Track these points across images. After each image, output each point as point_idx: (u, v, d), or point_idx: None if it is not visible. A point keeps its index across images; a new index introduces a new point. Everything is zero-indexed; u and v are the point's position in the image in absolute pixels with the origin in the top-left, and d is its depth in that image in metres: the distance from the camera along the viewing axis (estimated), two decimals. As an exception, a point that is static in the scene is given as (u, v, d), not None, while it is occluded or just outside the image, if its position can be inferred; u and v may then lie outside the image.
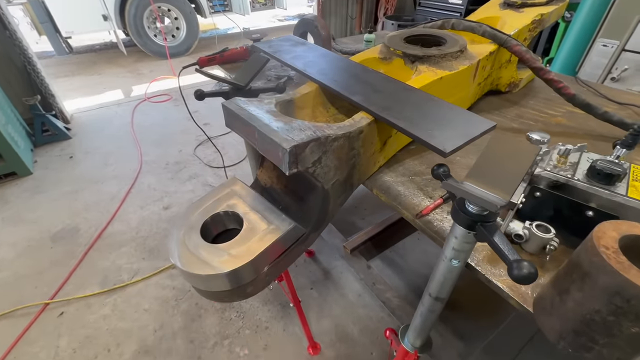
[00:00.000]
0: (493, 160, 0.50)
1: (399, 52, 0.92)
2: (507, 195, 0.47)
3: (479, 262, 0.61)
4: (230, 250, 0.59)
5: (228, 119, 0.63)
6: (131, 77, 4.19)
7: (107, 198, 2.24)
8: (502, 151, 0.51)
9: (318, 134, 0.56)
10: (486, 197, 0.45)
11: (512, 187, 0.47)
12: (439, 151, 0.56)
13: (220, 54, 1.52)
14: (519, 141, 0.52)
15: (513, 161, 0.49)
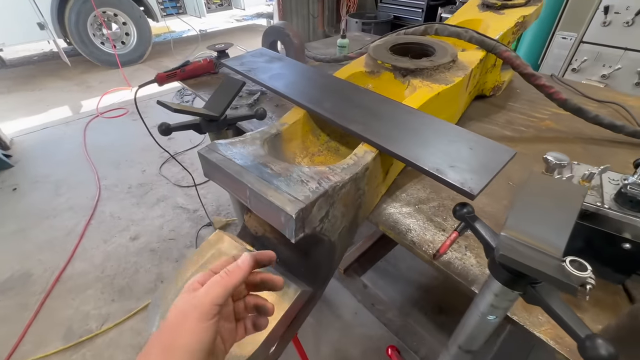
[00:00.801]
0: (533, 205, 0.43)
1: (387, 65, 0.84)
2: (558, 250, 0.40)
3: (513, 309, 0.54)
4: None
5: (208, 170, 0.52)
6: (79, 90, 3.80)
7: (63, 234, 1.98)
8: (543, 194, 0.44)
9: (325, 186, 0.46)
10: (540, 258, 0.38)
11: (562, 239, 0.41)
12: (465, 193, 0.48)
13: (182, 69, 1.37)
14: (561, 182, 0.46)
15: (557, 206, 0.43)
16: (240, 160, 0.50)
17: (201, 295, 0.34)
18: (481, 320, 0.51)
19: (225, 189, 0.51)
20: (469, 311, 0.53)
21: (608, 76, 2.09)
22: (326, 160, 0.70)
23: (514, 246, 0.37)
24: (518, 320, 0.52)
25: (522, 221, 0.42)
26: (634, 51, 1.97)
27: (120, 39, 4.26)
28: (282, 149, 0.66)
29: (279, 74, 0.86)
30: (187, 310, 0.33)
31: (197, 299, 0.34)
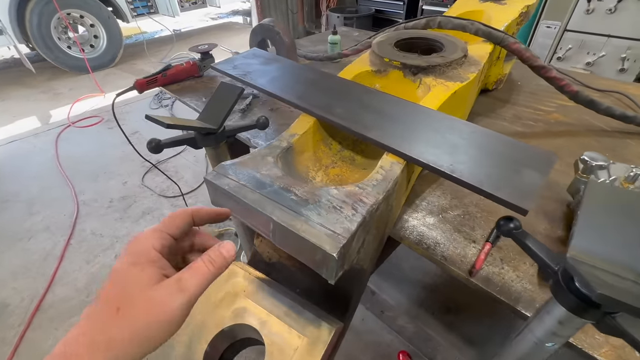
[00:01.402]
0: (600, 220, 0.38)
1: (396, 63, 0.78)
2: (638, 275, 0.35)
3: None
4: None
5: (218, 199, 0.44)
6: (46, 99, 3.55)
7: (39, 257, 1.82)
8: (609, 206, 0.39)
9: (362, 212, 0.39)
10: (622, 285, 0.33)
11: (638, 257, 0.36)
12: (516, 209, 0.43)
13: (163, 73, 1.26)
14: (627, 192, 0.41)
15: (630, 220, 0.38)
16: (257, 186, 0.42)
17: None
18: (537, 347, 0.46)
19: (239, 219, 0.44)
20: (521, 336, 0.48)
21: (592, 63, 2.12)
22: (342, 172, 0.63)
23: (608, 280, 0.32)
24: (575, 343, 0.47)
25: (592, 240, 0.37)
26: (617, 38, 2.00)
27: (89, 42, 4.01)
28: (294, 163, 0.58)
29: (277, 77, 0.78)
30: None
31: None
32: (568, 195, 0.68)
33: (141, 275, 0.28)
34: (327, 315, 0.49)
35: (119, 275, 0.29)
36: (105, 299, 0.27)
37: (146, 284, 0.28)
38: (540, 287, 0.54)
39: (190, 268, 0.31)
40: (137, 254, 0.30)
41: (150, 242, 0.31)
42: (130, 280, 0.28)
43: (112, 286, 0.28)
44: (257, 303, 0.49)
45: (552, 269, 0.41)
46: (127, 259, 0.29)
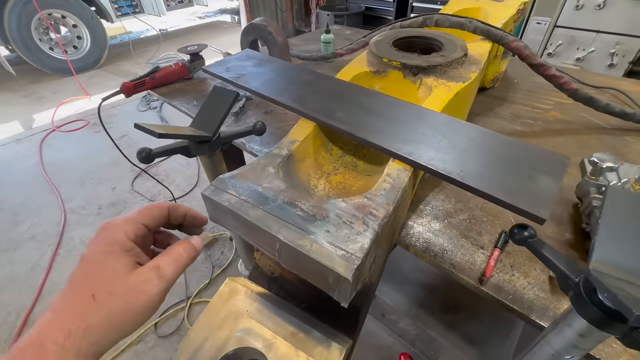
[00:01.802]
0: (623, 229, 0.37)
1: (396, 64, 0.75)
2: (668, 285, 0.33)
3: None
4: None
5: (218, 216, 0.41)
6: (29, 102, 3.43)
7: (26, 268, 1.76)
8: (632, 214, 0.37)
9: (374, 226, 0.37)
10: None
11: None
12: (533, 218, 0.41)
13: (151, 76, 1.21)
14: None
15: (652, 228, 0.36)
16: (259, 201, 0.39)
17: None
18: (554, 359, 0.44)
19: (240, 236, 0.41)
20: (537, 347, 0.46)
21: (582, 59, 2.14)
22: (345, 179, 0.61)
23: (633, 294, 0.30)
24: (592, 353, 0.46)
25: (616, 251, 0.36)
26: (606, 33, 2.02)
27: (72, 43, 3.89)
28: (295, 171, 0.55)
29: (273, 80, 0.75)
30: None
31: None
32: (573, 196, 0.67)
33: (116, 263, 0.28)
34: (336, 333, 0.47)
35: (92, 263, 0.28)
36: (78, 287, 0.27)
37: (122, 272, 0.28)
38: (552, 294, 0.53)
39: (167, 255, 0.31)
40: (111, 243, 0.29)
41: (123, 230, 0.30)
42: (105, 268, 0.28)
43: (85, 274, 0.28)
44: (261, 323, 0.46)
45: (572, 280, 0.39)
46: (100, 247, 0.29)
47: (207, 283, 1.66)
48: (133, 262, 0.29)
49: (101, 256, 0.28)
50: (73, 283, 0.28)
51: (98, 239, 0.30)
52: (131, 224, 0.31)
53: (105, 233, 0.30)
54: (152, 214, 0.34)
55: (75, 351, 0.25)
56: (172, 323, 1.51)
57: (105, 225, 0.31)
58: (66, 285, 0.28)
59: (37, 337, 0.25)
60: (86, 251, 0.29)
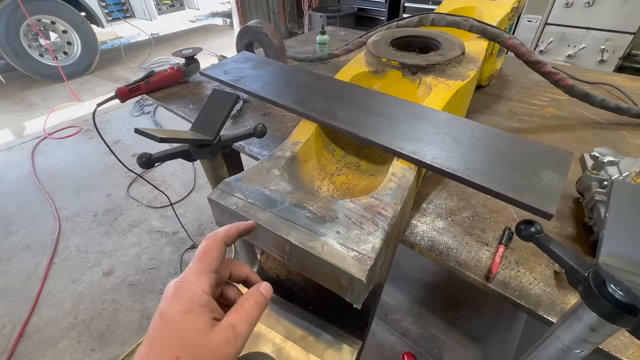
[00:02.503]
0: (631, 222, 0.37)
1: (395, 63, 0.76)
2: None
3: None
4: None
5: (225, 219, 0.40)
6: (19, 110, 3.37)
7: (21, 279, 1.72)
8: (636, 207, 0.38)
9: (383, 226, 0.36)
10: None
11: (677, 262, 0.34)
12: (541, 214, 0.41)
13: (146, 81, 1.20)
14: (656, 191, 0.39)
15: (660, 221, 0.36)
16: (267, 204, 0.39)
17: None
18: (564, 354, 0.44)
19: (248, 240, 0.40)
20: (546, 342, 0.46)
21: (573, 56, 2.17)
22: (348, 180, 0.60)
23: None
24: (600, 346, 0.46)
25: (625, 244, 0.36)
26: (596, 30, 2.05)
27: (62, 49, 3.84)
28: (298, 173, 0.55)
29: (272, 82, 0.74)
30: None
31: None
32: (574, 191, 0.67)
33: (197, 323, 0.28)
34: (346, 335, 0.46)
35: (174, 323, 0.28)
36: (161, 348, 0.27)
37: (203, 332, 0.28)
38: (558, 288, 0.53)
39: (241, 310, 0.31)
40: (190, 301, 0.29)
41: (201, 286, 0.30)
42: (186, 328, 0.28)
43: (168, 334, 0.27)
44: (270, 327, 0.45)
45: (581, 275, 0.40)
46: (179, 306, 0.29)
47: (207, 288, 1.64)
48: (211, 320, 0.29)
49: (181, 315, 0.28)
50: (156, 342, 0.27)
51: (176, 297, 0.29)
52: (203, 277, 0.31)
53: (183, 291, 0.29)
54: (214, 256, 0.33)
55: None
56: (172, 330, 1.49)
57: (180, 283, 0.30)
58: (147, 344, 0.27)
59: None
60: (165, 309, 0.29)
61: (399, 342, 1.39)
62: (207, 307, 0.29)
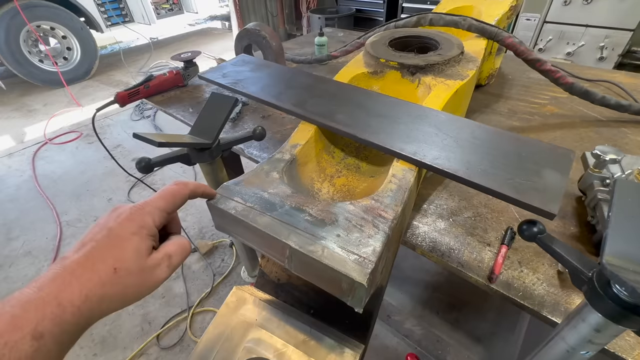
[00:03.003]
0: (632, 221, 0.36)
1: (393, 64, 0.75)
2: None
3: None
4: None
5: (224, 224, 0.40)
6: (20, 116, 3.38)
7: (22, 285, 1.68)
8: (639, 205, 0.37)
9: (384, 229, 0.36)
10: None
11: (683, 261, 0.34)
12: (543, 213, 0.40)
13: (145, 85, 1.20)
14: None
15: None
16: (266, 207, 0.38)
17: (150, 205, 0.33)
18: (569, 355, 0.44)
19: (248, 244, 0.40)
20: (551, 344, 0.46)
21: (573, 53, 2.17)
22: (348, 182, 0.60)
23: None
24: (607, 347, 0.46)
25: (629, 243, 0.35)
26: (595, 27, 2.05)
27: (62, 54, 3.85)
28: (298, 176, 0.55)
29: (271, 84, 0.74)
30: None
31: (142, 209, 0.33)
32: (576, 190, 0.67)
33: (141, 245, 0.31)
34: (348, 339, 0.46)
35: (119, 239, 0.30)
36: (102, 256, 0.29)
37: (143, 254, 0.31)
38: (562, 289, 0.52)
39: (177, 244, 0.35)
40: (141, 226, 0.32)
41: (153, 218, 0.33)
42: (130, 246, 0.30)
43: (112, 246, 0.30)
44: (271, 332, 0.45)
45: (585, 275, 0.39)
46: (129, 227, 0.31)
47: (209, 292, 1.64)
48: (151, 246, 0.32)
49: (129, 235, 0.30)
50: (96, 251, 0.29)
51: (129, 218, 0.32)
52: (159, 213, 0.34)
53: (137, 215, 0.32)
54: (175, 202, 0.36)
55: (87, 315, 0.27)
56: (174, 334, 1.49)
57: (138, 207, 0.33)
58: (85, 246, 0.29)
59: (56, 295, 0.26)
60: (114, 225, 0.31)
61: (402, 344, 1.38)
62: (152, 237, 0.33)
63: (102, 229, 0.31)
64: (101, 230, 0.31)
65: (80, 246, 0.30)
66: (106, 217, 0.33)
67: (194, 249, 1.85)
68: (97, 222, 0.33)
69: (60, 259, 0.29)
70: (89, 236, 0.31)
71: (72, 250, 0.30)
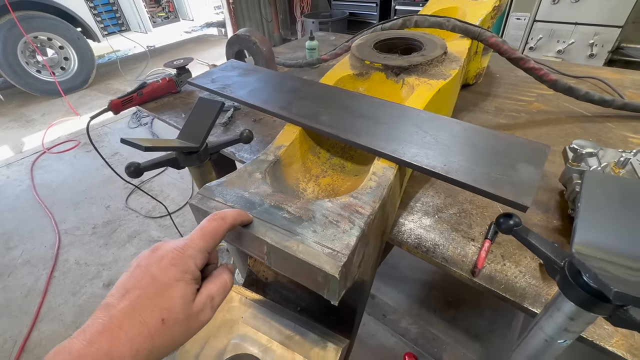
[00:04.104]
0: (601, 211, 0.38)
1: (378, 65, 0.77)
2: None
3: (576, 322, 0.49)
4: None
5: (206, 223, 0.41)
6: (18, 126, 3.41)
7: (21, 294, 1.73)
8: (608, 196, 0.38)
9: (360, 224, 0.37)
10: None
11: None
12: (516, 206, 0.42)
13: (138, 92, 1.21)
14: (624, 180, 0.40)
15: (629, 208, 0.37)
16: (246, 206, 0.39)
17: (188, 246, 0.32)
18: (548, 345, 0.45)
19: (230, 244, 0.41)
20: (531, 334, 0.47)
21: (563, 51, 2.19)
22: (333, 181, 0.61)
23: (620, 275, 0.31)
24: (585, 335, 0.47)
25: (597, 233, 0.36)
26: (584, 25, 2.07)
27: (59, 64, 3.88)
28: (283, 176, 0.56)
29: (258, 88, 0.75)
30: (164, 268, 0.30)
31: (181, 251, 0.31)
32: (559, 184, 0.68)
33: (186, 292, 0.30)
34: (332, 334, 0.47)
35: (164, 287, 0.29)
36: (149, 307, 0.28)
37: (189, 300, 0.30)
38: (544, 280, 0.53)
39: (217, 283, 0.34)
40: (185, 272, 0.31)
41: (196, 262, 0.32)
42: (176, 295, 0.29)
43: (157, 296, 0.29)
44: (256, 329, 0.46)
45: (557, 265, 0.40)
46: (173, 273, 0.30)
47: (207, 296, 1.64)
48: (195, 290, 0.32)
49: (174, 282, 0.30)
50: (142, 299, 0.28)
51: (172, 263, 0.31)
52: (201, 255, 0.32)
53: (179, 260, 0.31)
54: (215, 240, 0.34)
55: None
56: (173, 339, 1.49)
57: (180, 250, 0.32)
58: (130, 294, 0.28)
59: (107, 351, 0.25)
60: (158, 273, 0.30)
61: (400, 343, 1.39)
62: (196, 280, 0.32)
63: (145, 274, 0.30)
64: (144, 276, 0.30)
65: (124, 292, 0.29)
66: (147, 259, 0.31)
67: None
68: (138, 263, 0.31)
69: (105, 306, 0.28)
70: (132, 281, 0.30)
71: (116, 295, 0.29)
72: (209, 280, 0.34)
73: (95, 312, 0.28)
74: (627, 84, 1.10)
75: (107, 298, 0.29)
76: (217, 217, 0.35)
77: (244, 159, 0.89)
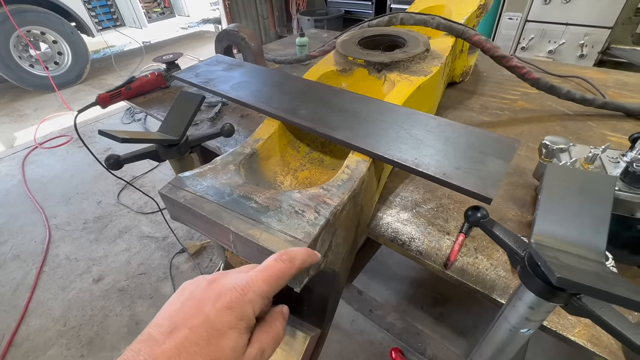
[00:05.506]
0: (560, 203, 0.39)
1: (360, 61, 0.78)
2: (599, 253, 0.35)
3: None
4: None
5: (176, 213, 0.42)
6: (10, 121, 3.38)
7: (10, 289, 1.72)
8: (568, 189, 0.39)
9: (325, 214, 0.38)
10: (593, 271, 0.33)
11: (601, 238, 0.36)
12: (481, 198, 0.43)
13: (127, 87, 1.22)
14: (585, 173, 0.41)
15: (587, 200, 0.38)
16: (215, 196, 0.40)
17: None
18: (512, 334, 0.46)
19: (201, 232, 0.42)
20: (497, 324, 0.48)
21: (554, 51, 2.21)
22: (311, 175, 0.62)
23: (572, 263, 0.32)
24: (549, 326, 0.48)
25: (554, 223, 0.38)
26: (575, 25, 2.09)
27: (53, 59, 3.85)
28: (260, 169, 0.57)
29: (242, 83, 0.76)
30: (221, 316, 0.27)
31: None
32: (535, 180, 0.69)
33: (238, 342, 0.27)
34: (303, 323, 0.47)
35: (215, 332, 0.26)
36: (194, 353, 0.25)
37: (240, 352, 0.27)
38: (513, 273, 0.55)
39: (270, 333, 0.30)
40: (240, 319, 0.27)
41: (254, 309, 0.28)
42: (228, 344, 0.26)
43: (208, 342, 0.26)
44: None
45: (519, 255, 0.41)
46: (227, 318, 0.27)
47: (196, 291, 1.65)
48: (247, 341, 0.28)
49: (227, 330, 0.27)
50: (190, 343, 0.26)
51: (229, 306, 0.27)
52: (261, 301, 0.29)
53: (237, 304, 0.28)
54: (279, 286, 0.30)
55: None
56: (161, 334, 1.50)
57: (240, 292, 0.28)
58: (178, 333, 0.26)
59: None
60: (211, 312, 0.27)
61: (387, 339, 1.40)
62: (249, 328, 0.29)
63: (197, 311, 0.27)
64: (197, 313, 0.27)
65: (172, 328, 0.26)
66: (202, 291, 0.28)
67: (182, 250, 1.86)
68: (191, 294, 0.29)
69: (149, 339, 0.26)
70: (181, 315, 0.27)
71: (163, 328, 0.26)
72: (261, 328, 0.30)
73: (137, 343, 0.26)
74: (610, 84, 1.11)
75: (152, 328, 0.27)
76: (285, 258, 0.31)
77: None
